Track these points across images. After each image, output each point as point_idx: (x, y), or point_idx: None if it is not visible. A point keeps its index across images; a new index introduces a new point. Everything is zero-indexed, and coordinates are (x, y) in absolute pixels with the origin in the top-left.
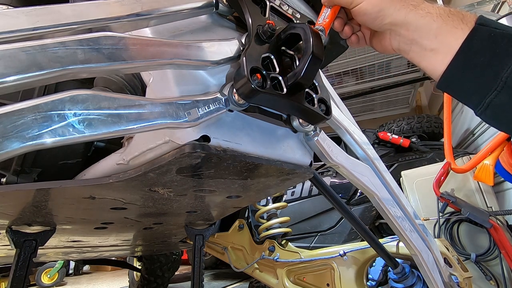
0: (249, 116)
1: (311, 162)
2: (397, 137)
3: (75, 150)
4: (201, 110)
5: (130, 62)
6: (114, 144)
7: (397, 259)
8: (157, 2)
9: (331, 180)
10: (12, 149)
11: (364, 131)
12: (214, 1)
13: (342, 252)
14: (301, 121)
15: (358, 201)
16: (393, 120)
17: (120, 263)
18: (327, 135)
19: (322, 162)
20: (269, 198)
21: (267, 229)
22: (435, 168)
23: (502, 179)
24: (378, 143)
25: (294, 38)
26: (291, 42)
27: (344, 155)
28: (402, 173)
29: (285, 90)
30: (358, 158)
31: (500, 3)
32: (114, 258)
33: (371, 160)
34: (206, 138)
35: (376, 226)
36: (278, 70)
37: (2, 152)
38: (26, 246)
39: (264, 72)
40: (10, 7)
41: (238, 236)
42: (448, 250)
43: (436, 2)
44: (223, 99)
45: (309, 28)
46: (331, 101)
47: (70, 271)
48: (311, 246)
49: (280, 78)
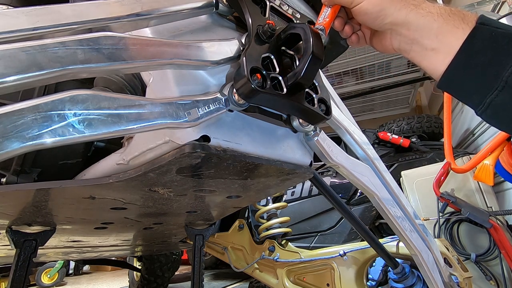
0: (249, 116)
1: (311, 162)
2: (397, 137)
3: (75, 150)
4: (201, 110)
5: (130, 62)
6: (114, 144)
7: (397, 259)
8: (157, 2)
9: (331, 180)
10: (12, 149)
11: (364, 131)
12: (214, 1)
13: (342, 252)
14: (301, 121)
15: (358, 201)
16: (393, 120)
17: (120, 263)
18: (327, 135)
19: (322, 162)
20: (269, 198)
21: (267, 229)
22: (435, 168)
23: (502, 179)
24: (378, 143)
25: (294, 38)
26: (291, 42)
27: (344, 155)
28: (402, 173)
29: (285, 90)
30: (358, 158)
31: (500, 3)
32: (114, 258)
33: (371, 160)
34: (206, 138)
35: (376, 226)
36: (278, 70)
37: (2, 152)
38: (26, 246)
39: (264, 72)
40: (10, 7)
41: (238, 236)
42: (448, 250)
43: (436, 2)
44: (223, 99)
45: (309, 28)
46: (331, 101)
47: (70, 271)
48: (311, 246)
49: (280, 78)
